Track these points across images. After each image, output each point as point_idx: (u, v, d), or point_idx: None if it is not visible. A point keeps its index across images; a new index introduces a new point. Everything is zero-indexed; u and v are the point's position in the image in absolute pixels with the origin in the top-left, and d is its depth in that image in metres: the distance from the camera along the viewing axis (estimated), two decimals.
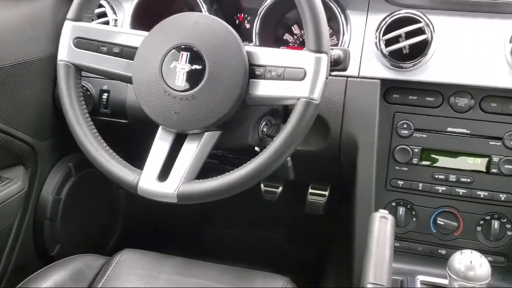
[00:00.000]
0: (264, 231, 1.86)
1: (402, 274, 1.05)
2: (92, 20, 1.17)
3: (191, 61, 0.87)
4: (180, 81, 0.87)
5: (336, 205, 1.51)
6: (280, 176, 1.10)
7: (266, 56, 0.87)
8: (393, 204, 1.12)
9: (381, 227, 0.77)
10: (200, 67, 0.86)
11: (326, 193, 1.56)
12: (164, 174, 0.88)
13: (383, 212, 0.82)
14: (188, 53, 0.87)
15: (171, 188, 0.85)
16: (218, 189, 0.84)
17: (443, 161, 1.09)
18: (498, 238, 1.07)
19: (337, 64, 0.92)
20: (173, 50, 0.88)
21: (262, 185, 1.58)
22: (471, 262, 0.84)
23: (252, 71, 0.86)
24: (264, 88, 0.86)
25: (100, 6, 1.22)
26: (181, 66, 0.87)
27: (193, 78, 0.87)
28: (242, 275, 1.01)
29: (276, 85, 0.85)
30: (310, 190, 1.56)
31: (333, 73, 1.06)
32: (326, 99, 1.09)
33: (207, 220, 1.88)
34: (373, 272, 0.70)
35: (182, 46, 0.88)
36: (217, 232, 1.88)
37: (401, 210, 1.11)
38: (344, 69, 0.93)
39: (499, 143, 1.06)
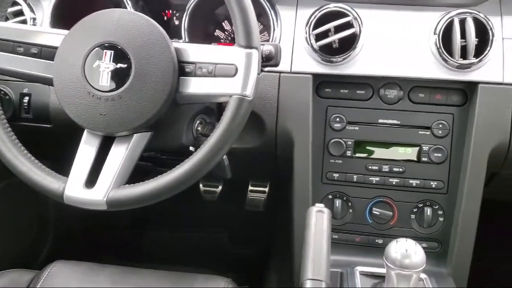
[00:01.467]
0: (205, 232, 1.83)
1: (341, 266, 1.06)
2: (7, 19, 1.09)
3: (116, 59, 0.83)
4: (105, 81, 0.83)
5: (277, 201, 1.52)
6: (217, 175, 1.08)
7: (196, 52, 0.85)
8: (330, 197, 1.13)
9: (317, 222, 0.77)
10: (126, 65, 0.83)
11: (266, 189, 1.56)
12: (91, 180, 0.83)
13: (319, 206, 0.82)
14: (112, 51, 0.83)
15: (99, 195, 0.81)
16: (151, 193, 0.81)
17: (376, 152, 1.11)
18: (431, 225, 1.11)
19: (269, 60, 0.91)
20: (96, 49, 0.84)
21: (201, 185, 1.55)
22: (406, 251, 0.86)
23: (182, 69, 0.84)
24: (195, 86, 0.84)
25: (16, 3, 1.14)
26: (105, 65, 0.83)
27: (119, 77, 0.83)
28: (181, 279, 0.98)
29: (207, 82, 0.83)
30: (250, 188, 1.55)
31: (266, 68, 1.05)
32: (260, 95, 1.08)
33: (145, 224, 1.83)
34: (312, 268, 0.70)
35: (106, 44, 0.84)
36: (156, 235, 1.83)
37: (338, 202, 1.12)
38: (276, 65, 0.92)
39: (428, 132, 1.09)
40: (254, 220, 1.76)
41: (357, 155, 1.11)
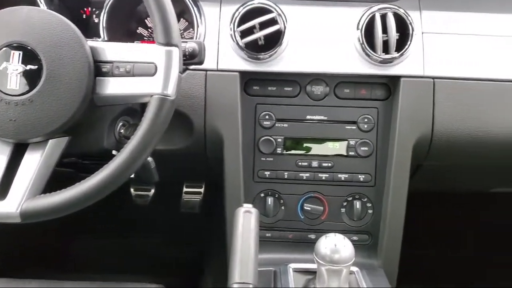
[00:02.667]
0: (139, 237, 1.78)
1: (275, 264, 1.06)
2: None
3: (25, 61, 0.78)
4: (14, 84, 0.77)
5: (213, 201, 1.49)
6: (144, 179, 1.04)
7: (113, 51, 0.81)
8: (262, 195, 1.12)
9: (245, 222, 0.75)
10: (36, 67, 0.77)
11: (202, 190, 1.53)
12: (3, 191, 0.77)
13: (247, 206, 0.80)
14: (21, 52, 0.78)
15: (12, 206, 0.76)
16: (69, 202, 0.76)
17: (306, 149, 1.11)
18: (361, 218, 1.12)
19: (193, 58, 0.89)
20: (3, 49, 0.78)
21: (132, 189, 1.50)
22: (335, 245, 0.86)
23: (98, 69, 0.80)
24: (113, 86, 0.80)
25: None
26: (14, 67, 0.78)
27: (29, 80, 0.78)
28: None
29: (126, 82, 0.80)
30: (185, 189, 1.52)
31: (191, 67, 1.02)
32: (186, 94, 1.05)
33: (74, 231, 1.74)
34: (239, 271, 0.68)
35: (14, 45, 0.79)
36: (87, 243, 1.75)
37: (270, 200, 1.11)
38: (200, 63, 0.90)
39: (354, 127, 1.11)
40: (190, 222, 1.72)
41: (288, 152, 1.11)
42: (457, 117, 1.09)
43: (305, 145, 1.11)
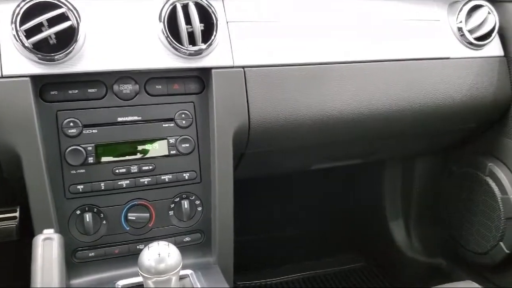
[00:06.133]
0: None
1: (103, 284, 0.96)
2: None
3: None
4: None
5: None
6: None
7: None
8: (78, 212, 1.00)
9: (45, 252, 0.64)
10: None
11: (17, 214, 1.33)
12: None
13: (47, 232, 0.69)
14: None
15: None
16: None
17: (122, 154, 1.02)
18: (191, 217, 1.08)
19: None
20: None
21: None
22: (159, 255, 0.80)
23: None
24: None
25: None
26: None
27: None
28: None
29: None
30: None
31: None
32: None
33: None
34: None
35: None
36: None
37: (88, 216, 1.00)
38: None
39: (172, 124, 1.05)
40: (9, 251, 1.51)
41: (101, 160, 1.01)
42: (270, 104, 1.10)
43: (120, 150, 1.02)
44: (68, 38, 0.93)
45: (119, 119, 1.02)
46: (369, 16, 1.24)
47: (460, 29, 1.30)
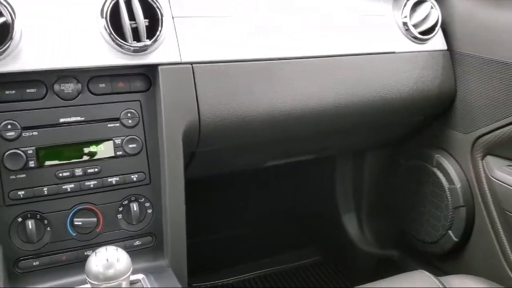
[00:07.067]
0: None
1: None
2: None
3: None
4: None
5: None
6: None
7: None
8: (20, 219, 0.94)
9: None
10: None
11: None
12: None
13: None
14: None
15: None
16: None
17: (65, 156, 0.97)
18: (140, 220, 1.04)
19: None
20: None
21: None
22: (107, 260, 0.77)
23: None
24: None
25: None
26: None
27: None
28: None
29: None
30: None
31: None
32: None
33: None
34: None
35: None
36: None
37: (30, 223, 0.94)
38: None
39: (118, 124, 1.01)
40: None
41: (43, 164, 0.95)
42: (220, 101, 1.08)
43: (63, 152, 0.97)
44: (2, 35, 0.88)
45: (61, 120, 0.97)
46: (317, 12, 1.24)
47: (405, 23, 1.32)
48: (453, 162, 1.43)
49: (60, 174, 0.97)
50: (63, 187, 0.97)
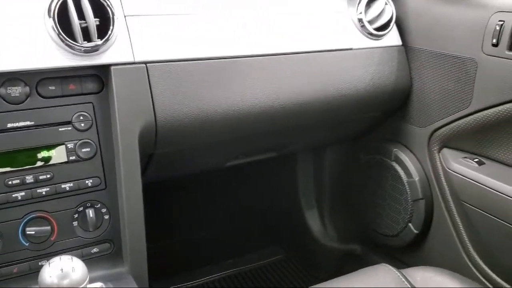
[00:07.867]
0: None
1: None
2: None
3: None
4: None
5: None
6: None
7: None
8: None
9: None
10: None
11: None
12: None
13: None
14: None
15: None
16: None
17: (15, 163, 0.93)
18: (97, 226, 1.01)
19: None
20: None
21: None
22: (62, 270, 0.73)
23: None
24: None
25: None
26: None
27: None
28: None
29: None
30: None
31: None
32: None
33: None
34: None
35: None
36: None
37: None
38: None
39: (70, 128, 0.97)
40: None
41: None
42: (177, 101, 1.06)
43: (12, 159, 0.93)
44: None
45: (9, 125, 0.92)
46: (273, 10, 1.23)
47: (360, 20, 1.33)
48: (411, 156, 1.46)
49: (10, 182, 0.92)
50: (13, 195, 0.93)
